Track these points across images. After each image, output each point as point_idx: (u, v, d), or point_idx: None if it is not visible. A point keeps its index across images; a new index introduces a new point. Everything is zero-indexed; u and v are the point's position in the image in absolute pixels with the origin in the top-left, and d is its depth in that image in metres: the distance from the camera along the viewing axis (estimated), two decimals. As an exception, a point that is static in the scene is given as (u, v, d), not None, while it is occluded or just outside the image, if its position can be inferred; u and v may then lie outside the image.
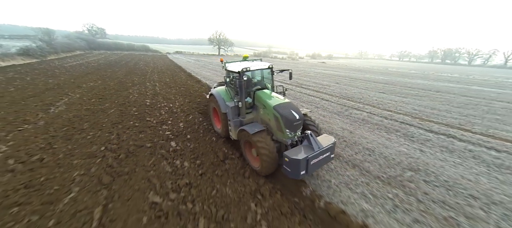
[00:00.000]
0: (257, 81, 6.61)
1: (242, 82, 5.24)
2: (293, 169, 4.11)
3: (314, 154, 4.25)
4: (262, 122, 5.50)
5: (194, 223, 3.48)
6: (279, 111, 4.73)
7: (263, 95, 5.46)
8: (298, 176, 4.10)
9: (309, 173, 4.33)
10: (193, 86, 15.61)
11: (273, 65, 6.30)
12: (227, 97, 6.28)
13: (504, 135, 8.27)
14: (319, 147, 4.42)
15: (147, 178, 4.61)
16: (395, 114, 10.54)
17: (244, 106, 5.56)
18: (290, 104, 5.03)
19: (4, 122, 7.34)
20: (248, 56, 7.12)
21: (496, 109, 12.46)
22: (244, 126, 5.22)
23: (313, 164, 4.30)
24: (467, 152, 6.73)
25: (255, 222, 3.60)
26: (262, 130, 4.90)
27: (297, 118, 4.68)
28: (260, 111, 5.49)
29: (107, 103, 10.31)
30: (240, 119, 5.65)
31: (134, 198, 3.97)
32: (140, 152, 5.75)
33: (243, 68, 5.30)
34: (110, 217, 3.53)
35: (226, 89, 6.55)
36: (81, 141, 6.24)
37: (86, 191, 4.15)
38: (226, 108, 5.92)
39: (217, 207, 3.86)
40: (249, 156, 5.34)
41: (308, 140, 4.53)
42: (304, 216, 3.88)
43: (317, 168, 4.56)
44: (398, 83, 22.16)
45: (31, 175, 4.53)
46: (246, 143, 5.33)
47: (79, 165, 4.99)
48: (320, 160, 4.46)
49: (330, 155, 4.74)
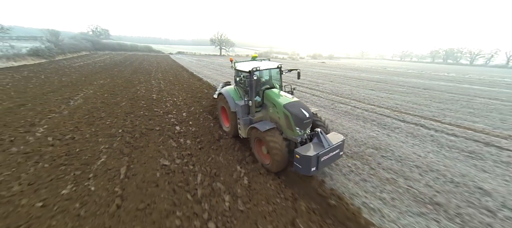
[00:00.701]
0: (265, 81, 6.72)
1: (252, 81, 5.38)
2: (304, 166, 4.25)
3: (324, 151, 4.39)
4: (272, 120, 5.61)
5: (194, 177, 4.75)
6: (289, 109, 4.87)
7: (273, 94, 5.60)
8: (309, 172, 4.25)
9: (319, 170, 4.47)
10: (195, 84, 16.92)
11: (281, 65, 6.59)
12: (236, 96, 6.43)
13: (469, 125, 9.41)
14: (329, 145, 4.57)
15: (157, 150, 5.90)
16: (377, 108, 11.72)
17: (254, 104, 5.71)
18: (299, 103, 5.17)
19: (34, 112, 8.71)
20: (257, 56, 7.36)
21: (474, 104, 13.54)
22: (255, 124, 5.33)
23: (324, 161, 4.44)
24: (428, 137, 7.90)
25: (239, 177, 4.85)
26: (272, 128, 5.02)
27: (307, 116, 4.82)
28: (270, 109, 5.63)
29: (118, 97, 11.66)
30: (250, 118, 5.82)
31: (149, 162, 5.26)
32: (150, 133, 7.05)
33: (253, 68, 5.45)
34: (132, 172, 4.82)
35: (235, 88, 6.74)
36: (102, 125, 7.57)
37: (112, 158, 5.45)
38: (236, 107, 6.07)
39: (211, 168, 5.13)
40: (259, 153, 5.49)
41: (318, 138, 4.67)
42: (278, 176, 5.12)
43: (327, 164, 4.73)
44: (391, 81, 23.23)
45: (68, 148, 5.85)
46: (256, 141, 5.46)
47: (103, 142, 6.31)
48: (330, 157, 4.61)
49: (340, 152, 4.89)
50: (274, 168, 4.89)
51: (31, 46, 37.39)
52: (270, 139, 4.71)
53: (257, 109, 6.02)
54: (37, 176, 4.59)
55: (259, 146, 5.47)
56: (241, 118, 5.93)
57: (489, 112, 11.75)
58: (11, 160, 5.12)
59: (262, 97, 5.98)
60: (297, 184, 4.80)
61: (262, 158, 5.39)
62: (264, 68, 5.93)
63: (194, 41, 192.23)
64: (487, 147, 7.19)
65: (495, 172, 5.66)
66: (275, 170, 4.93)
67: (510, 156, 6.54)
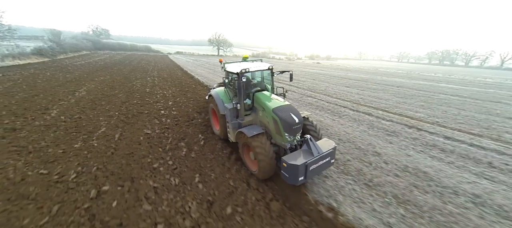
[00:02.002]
0: (257, 83, 6.59)
1: (241, 83, 5.16)
2: (291, 175, 4.07)
3: (313, 159, 4.20)
4: (261, 125, 5.46)
5: (166, 140, 6.75)
6: (278, 114, 4.70)
7: (263, 97, 5.44)
8: (297, 182, 4.06)
9: (307, 179, 4.28)
10: (186, 81, 18.92)
11: (273, 66, 6.43)
12: (226, 98, 6.33)
13: (410, 114, 11.29)
14: (319, 152, 4.37)
15: (144, 125, 7.90)
16: (340, 101, 13.65)
17: (243, 108, 5.52)
18: (289, 107, 5.01)
19: (47, 100, 10.72)
20: (248, 57, 7.15)
21: (432, 99, 15.40)
22: (242, 128, 5.16)
23: (312, 170, 4.25)
24: (366, 122, 9.82)
25: (198, 140, 6.84)
26: (260, 133, 4.84)
27: (296, 121, 4.65)
28: (259, 113, 5.47)
29: (116, 90, 13.67)
30: (238, 121, 5.64)
31: (136, 131, 7.25)
32: (140, 115, 9.04)
33: (242, 69, 5.27)
34: (123, 136, 6.81)
35: (225, 90, 6.61)
36: (102, 110, 9.57)
37: (109, 129, 7.44)
38: (225, 110, 5.97)
39: (180, 135, 7.15)
40: (247, 159, 5.36)
41: (308, 145, 4.47)
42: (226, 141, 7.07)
43: (316, 173, 4.51)
44: (372, 80, 25.13)
45: (77, 123, 7.85)
46: (244, 146, 5.31)
47: (104, 120, 8.30)
48: (320, 165, 4.40)
49: (330, 160, 4.67)
50: (261, 175, 4.73)
51: (34, 45, 39.58)
52: (257, 145, 4.55)
53: (247, 113, 5.85)
54: (56, 138, 6.58)
55: (247, 152, 5.32)
56: (230, 121, 5.79)
57: (439, 106, 13.63)
58: (37, 129, 7.12)
59: (252, 100, 5.80)
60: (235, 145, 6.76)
61: (250, 164, 5.27)
62: (254, 70, 5.79)
63: (193, 41, 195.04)
64: (409, 129, 9.09)
65: (398, 144, 7.57)
66: (261, 177, 4.78)
67: (420, 134, 8.45)
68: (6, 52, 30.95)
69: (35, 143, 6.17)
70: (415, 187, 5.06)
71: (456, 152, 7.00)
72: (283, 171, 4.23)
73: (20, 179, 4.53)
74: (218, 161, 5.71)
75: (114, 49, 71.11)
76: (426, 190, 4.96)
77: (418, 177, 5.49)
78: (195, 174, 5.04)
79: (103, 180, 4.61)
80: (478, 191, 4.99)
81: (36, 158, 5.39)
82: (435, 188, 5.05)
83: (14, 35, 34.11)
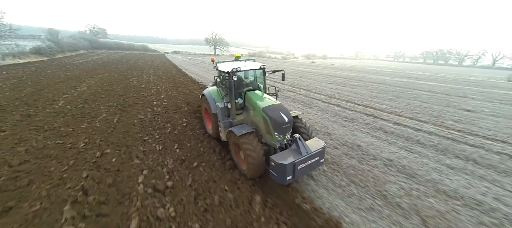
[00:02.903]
0: (250, 82, 6.70)
1: (232, 82, 5.26)
2: (279, 174, 4.15)
3: (301, 159, 4.28)
4: (252, 124, 5.54)
5: (156, 122, 8.29)
6: (268, 113, 4.80)
7: (254, 96, 5.54)
8: (285, 181, 4.14)
9: (296, 178, 4.37)
10: (180, 78, 20.45)
11: (265, 65, 6.50)
12: (218, 97, 6.44)
13: (375, 106, 12.88)
14: (307, 152, 4.46)
15: (138, 112, 9.46)
16: (317, 95, 15.25)
17: (234, 107, 5.63)
18: (280, 106, 5.12)
19: (52, 94, 12.22)
20: (241, 56, 7.25)
21: (403, 94, 17.01)
22: (233, 127, 5.27)
23: (301, 169, 4.33)
24: (332, 111, 11.39)
25: (182, 122, 8.39)
26: (250, 132, 4.93)
27: (286, 120, 4.75)
28: (251, 112, 5.53)
29: (114, 86, 15.20)
30: (229, 120, 5.75)
31: (131, 117, 8.81)
32: (135, 105, 10.60)
33: (233, 68, 5.32)
34: (120, 120, 8.37)
35: (218, 89, 6.76)
36: (102, 101, 11.10)
37: (109, 114, 8.99)
38: (216, 109, 6.08)
39: (167, 119, 8.73)
40: (238, 158, 5.45)
41: (296, 144, 4.55)
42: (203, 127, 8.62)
43: (305, 173, 4.61)
44: (357, 78, 26.76)
45: (81, 111, 9.39)
46: (235, 145, 5.41)
47: (104, 109, 9.84)
48: (308, 165, 4.49)
49: (320, 160, 4.76)
50: (250, 174, 4.83)
51: (33, 45, 40.85)
52: (246, 143, 4.67)
53: (239, 112, 5.97)
54: (66, 121, 8.12)
55: (237, 151, 5.42)
56: (221, 120, 5.93)
57: (407, 99, 15.24)
58: (48, 115, 8.66)
59: (244, 99, 5.89)
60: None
61: (240, 163, 5.38)
62: (246, 69, 5.88)
63: (190, 41, 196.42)
64: (366, 116, 10.69)
65: (350, 127, 9.15)
66: (250, 176, 4.87)
67: (373, 120, 10.05)
68: (6, 51, 32.29)
69: (49, 124, 7.70)
70: (345, 155, 6.65)
71: (395, 133, 8.61)
72: (271, 170, 4.32)
73: (43, 146, 6.07)
74: (195, 136, 7.28)
75: (111, 48, 72.38)
76: (352, 156, 6.55)
77: (352, 149, 7.08)
78: (175, 144, 6.62)
79: (105, 147, 6.16)
80: (393, 157, 6.59)
81: (51, 134, 6.92)
82: (361, 155, 6.64)
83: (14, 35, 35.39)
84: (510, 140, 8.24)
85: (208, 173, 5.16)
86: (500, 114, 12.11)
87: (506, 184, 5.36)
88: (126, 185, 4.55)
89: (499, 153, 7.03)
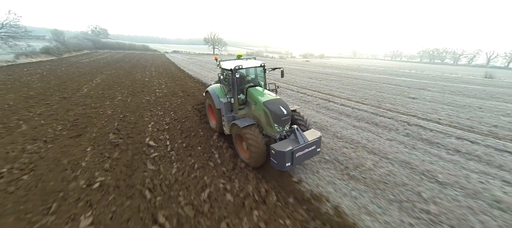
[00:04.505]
0: (251, 79, 7.21)
1: (235, 79, 5.68)
2: (279, 161, 4.58)
3: (299, 147, 4.72)
4: (254, 118, 5.93)
5: (159, 104, 11.57)
6: (268, 107, 5.20)
7: (255, 92, 5.94)
8: (284, 167, 4.57)
9: (294, 165, 4.81)
10: (178, 74, 23.77)
11: (265, 63, 7.04)
12: (221, 94, 6.86)
13: (335, 94, 16.05)
14: (304, 141, 4.90)
15: (144, 96, 12.77)
16: (291, 86, 18.45)
17: (237, 102, 6.01)
18: (279, 100, 5.50)
19: (76, 85, 15.56)
20: (242, 55, 7.76)
21: (369, 87, 20.12)
22: (236, 120, 5.67)
23: (299, 157, 4.76)
24: (295, 97, 14.59)
25: (181, 103, 11.67)
26: (252, 124, 5.36)
27: (285, 113, 5.16)
28: (252, 107, 5.95)
29: (123, 79, 18.55)
30: (233, 115, 6.18)
31: (140, 99, 12.14)
32: (142, 92, 13.92)
33: (236, 66, 5.75)
34: (133, 101, 11.71)
35: (221, 86, 7.20)
36: (116, 89, 14.43)
37: (123, 97, 12.31)
38: (220, 104, 6.52)
39: (167, 99, 12.00)
40: (240, 149, 5.88)
41: (294, 134, 4.99)
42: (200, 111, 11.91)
43: (302, 160, 5.02)
44: (339, 74, 29.89)
45: (102, 94, 12.71)
46: (237, 137, 5.79)
47: (118, 94, 13.16)
48: (306, 153, 4.92)
49: (316, 148, 5.17)
50: (252, 163, 5.24)
51: (42, 45, 44.39)
52: (248, 134, 5.07)
53: (241, 107, 6.39)
54: (93, 100, 11.45)
55: (240, 142, 5.85)
56: (224, 115, 6.36)
57: (368, 90, 18.37)
58: (79, 97, 11.99)
59: (245, 95, 6.31)
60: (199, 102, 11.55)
61: (242, 153, 5.82)
62: (247, 67, 6.34)
63: (190, 41, 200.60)
64: (321, 100, 13.87)
65: (303, 106, 12.32)
66: (253, 165, 5.28)
67: (325, 102, 13.22)
68: (20, 51, 35.85)
69: (82, 102, 11.02)
70: (288, 120, 9.86)
71: (335, 110, 11.79)
72: (272, 157, 4.75)
73: (84, 113, 9.38)
74: (185, 109, 10.61)
75: (114, 48, 76.03)
76: (292, 121, 9.76)
77: (295, 117, 10.27)
78: (171, 112, 9.98)
79: (125, 113, 9.49)
80: (321, 121, 9.78)
81: (87, 107, 10.23)
82: (298, 120, 9.84)
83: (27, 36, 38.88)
84: (419, 115, 11.38)
85: (190, 124, 8.49)
86: (437, 101, 15.19)
87: (382, 134, 8.55)
88: (141, 129, 7.86)
89: (405, 122, 10.14)
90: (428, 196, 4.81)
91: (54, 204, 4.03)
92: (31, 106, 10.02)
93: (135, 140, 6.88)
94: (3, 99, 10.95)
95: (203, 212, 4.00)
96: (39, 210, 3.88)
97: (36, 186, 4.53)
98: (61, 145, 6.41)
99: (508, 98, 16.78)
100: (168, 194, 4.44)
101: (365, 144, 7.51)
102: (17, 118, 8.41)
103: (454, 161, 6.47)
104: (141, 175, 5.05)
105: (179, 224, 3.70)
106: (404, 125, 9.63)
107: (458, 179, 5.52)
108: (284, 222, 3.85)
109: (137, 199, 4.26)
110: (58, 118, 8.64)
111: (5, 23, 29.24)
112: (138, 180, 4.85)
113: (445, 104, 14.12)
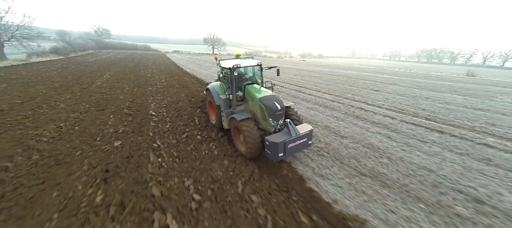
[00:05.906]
0: (249, 77, 7.63)
1: (233, 77, 6.21)
2: (272, 151, 5.04)
3: (291, 139, 5.21)
4: (251, 113, 6.42)
5: (159, 94, 14.65)
6: (264, 102, 5.75)
7: (252, 89, 6.45)
8: (277, 157, 5.05)
9: (287, 155, 5.29)
10: (177, 71, 26.91)
11: (262, 62, 7.52)
12: (220, 91, 7.35)
13: (312, 87, 18.98)
14: (296, 133, 5.42)
15: (148, 87, 15.90)
16: (274, 81, 21.38)
17: (235, 98, 6.52)
18: (274, 97, 6.01)
19: (89, 79, 18.74)
20: (241, 54, 8.12)
21: (344, 82, 22.98)
22: (234, 114, 6.22)
23: (291, 148, 5.26)
24: (279, 91, 17.54)
25: (174, 89, 14.74)
26: (248, 118, 5.89)
27: (279, 108, 5.71)
28: (249, 103, 6.46)
29: (128, 75, 21.73)
30: (231, 110, 6.73)
31: (144, 89, 15.28)
32: (145, 84, 17.06)
33: (234, 65, 6.27)
34: (138, 91, 14.83)
35: (220, 83, 7.63)
36: (123, 83, 17.56)
37: (130, 88, 15.45)
38: (219, 101, 7.02)
39: (166, 89, 15.09)
40: (238, 141, 6.42)
41: (287, 127, 5.54)
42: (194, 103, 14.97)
43: (295, 151, 5.55)
44: (326, 72, 32.75)
45: (113, 86, 15.85)
46: (235, 130, 6.33)
47: (126, 86, 16.30)
48: (297, 144, 5.42)
49: (308, 141, 5.72)
50: (248, 154, 5.71)
51: (49, 45, 47.84)
52: (245, 126, 5.56)
53: (239, 103, 6.90)
54: (106, 91, 14.57)
55: (237, 135, 6.31)
56: (224, 110, 6.86)
57: (342, 85, 21.26)
58: (95, 88, 15.14)
59: (243, 92, 6.75)
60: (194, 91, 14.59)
61: (239, 145, 6.32)
62: (245, 65, 6.77)
63: (191, 41, 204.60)
64: (297, 92, 16.79)
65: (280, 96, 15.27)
66: (249, 156, 5.75)
67: (299, 94, 16.16)
68: (32, 51, 39.30)
69: (98, 92, 14.14)
70: (259, 104, 12.86)
71: (300, 98, 14.76)
72: (266, 149, 5.22)
73: (101, 98, 12.46)
74: (179, 95, 13.65)
75: (116, 48, 79.63)
76: (262, 104, 12.76)
77: (266, 103, 13.28)
78: (168, 97, 13.12)
79: (133, 98, 12.58)
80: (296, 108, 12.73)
81: (103, 95, 13.32)
82: (267, 104, 12.84)
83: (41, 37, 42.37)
84: (369, 102, 14.26)
85: (181, 105, 11.60)
86: (396, 93, 18.00)
87: (324, 112, 11.47)
88: (146, 106, 10.96)
89: (351, 106, 13.06)
90: (329, 140, 7.77)
91: (98, 137, 7.14)
92: (60, 94, 13.14)
93: (142, 112, 9.98)
94: (36, 89, 14.10)
95: (182, 141, 7.09)
96: (92, 139, 7.03)
97: (84, 131, 7.63)
98: (92, 114, 9.52)
99: (464, 92, 19.50)
100: (163, 135, 7.51)
101: (306, 116, 10.51)
102: (54, 101, 11.52)
103: (363, 127, 9.40)
104: (147, 127, 8.17)
105: (168, 145, 6.77)
106: (348, 107, 12.58)
107: (354, 134, 8.47)
108: (231, 148, 6.85)
109: (145, 136, 7.37)
110: (84, 100, 11.76)
111: (20, 25, 32.56)
112: (145, 129, 7.97)
113: (400, 95, 16.94)
